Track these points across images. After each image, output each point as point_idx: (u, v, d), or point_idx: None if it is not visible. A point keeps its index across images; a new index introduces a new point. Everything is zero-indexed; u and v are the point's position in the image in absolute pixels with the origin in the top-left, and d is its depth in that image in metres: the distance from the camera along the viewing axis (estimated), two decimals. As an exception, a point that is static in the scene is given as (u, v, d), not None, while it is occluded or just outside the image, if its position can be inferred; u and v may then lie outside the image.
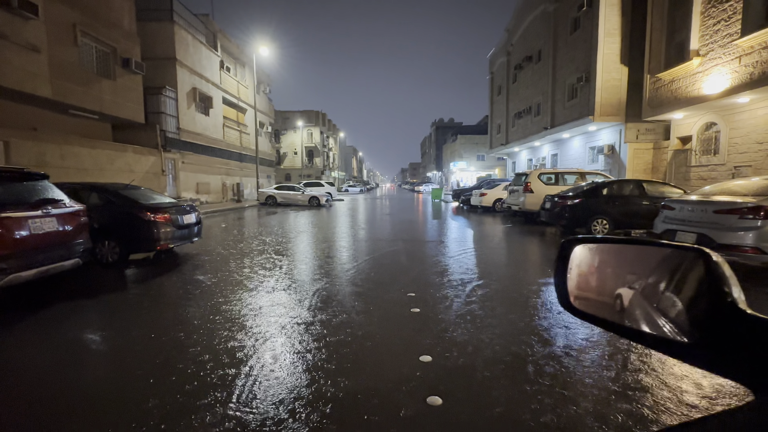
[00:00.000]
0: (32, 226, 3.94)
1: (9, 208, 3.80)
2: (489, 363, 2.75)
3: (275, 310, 3.89)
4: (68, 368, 2.73)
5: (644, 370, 2.63)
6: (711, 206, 5.13)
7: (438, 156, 71.45)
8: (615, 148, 16.25)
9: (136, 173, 15.26)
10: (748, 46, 9.99)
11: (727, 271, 0.50)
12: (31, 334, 3.34)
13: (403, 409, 2.19)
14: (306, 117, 50.80)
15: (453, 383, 2.47)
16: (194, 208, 7.29)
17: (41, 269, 4.01)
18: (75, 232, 4.55)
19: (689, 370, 2.58)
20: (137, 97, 15.11)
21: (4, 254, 3.66)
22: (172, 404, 2.23)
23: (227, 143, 23.72)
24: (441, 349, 2.96)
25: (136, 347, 3.04)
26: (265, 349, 2.99)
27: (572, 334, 3.27)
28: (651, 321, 0.59)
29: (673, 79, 12.78)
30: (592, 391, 2.38)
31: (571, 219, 8.71)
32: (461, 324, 3.51)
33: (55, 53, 11.36)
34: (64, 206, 4.47)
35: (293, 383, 2.47)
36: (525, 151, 26.63)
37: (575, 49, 17.46)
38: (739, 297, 0.47)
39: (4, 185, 4.00)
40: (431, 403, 2.24)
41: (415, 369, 2.65)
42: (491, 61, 31.30)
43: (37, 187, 4.34)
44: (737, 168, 11.45)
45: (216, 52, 22.23)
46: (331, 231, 10.70)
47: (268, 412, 2.17)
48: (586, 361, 2.81)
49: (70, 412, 2.20)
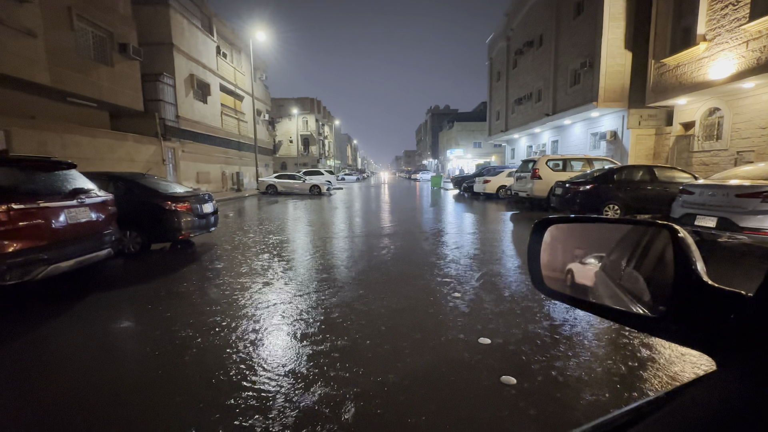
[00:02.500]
0: (69, 216, 3.89)
1: (46, 197, 3.74)
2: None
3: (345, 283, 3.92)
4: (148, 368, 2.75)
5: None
6: (733, 190, 5.25)
7: (434, 143, 71.18)
8: (617, 134, 16.36)
9: (136, 162, 14.98)
10: (756, 31, 10.03)
11: (692, 246, 0.51)
12: (82, 326, 3.34)
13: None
14: (301, 104, 50.01)
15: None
16: (211, 197, 7.23)
17: (78, 259, 3.98)
18: (106, 222, 4.51)
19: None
20: (135, 84, 14.72)
21: (44, 245, 3.62)
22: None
23: (226, 131, 23.33)
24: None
25: (215, 341, 3.06)
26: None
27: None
28: (620, 297, 0.60)
29: (678, 64, 12.82)
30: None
31: (583, 205, 8.83)
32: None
33: (51, 38, 10.97)
34: (96, 196, 4.40)
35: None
36: (525, 137, 26.66)
37: (578, 34, 17.35)
38: (702, 270, 0.49)
39: (37, 175, 3.92)
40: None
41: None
42: (490, 47, 30.97)
43: (68, 176, 4.27)
44: (740, 153, 11.64)
45: (212, 37, 21.63)
46: (350, 218, 10.71)
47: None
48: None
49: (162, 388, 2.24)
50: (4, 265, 3.31)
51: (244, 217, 11.57)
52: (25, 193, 3.62)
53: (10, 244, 3.35)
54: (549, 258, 0.73)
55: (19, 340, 3.00)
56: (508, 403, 2.11)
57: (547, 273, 0.72)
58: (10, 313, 3.56)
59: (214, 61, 21.93)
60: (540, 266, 0.72)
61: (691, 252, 0.50)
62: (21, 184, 3.66)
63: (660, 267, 0.55)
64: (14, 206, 3.41)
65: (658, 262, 0.55)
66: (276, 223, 9.98)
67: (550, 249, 0.73)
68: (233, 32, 25.24)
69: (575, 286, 0.69)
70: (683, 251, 0.50)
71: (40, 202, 3.65)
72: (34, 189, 3.74)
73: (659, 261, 0.55)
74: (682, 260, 0.50)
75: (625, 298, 0.59)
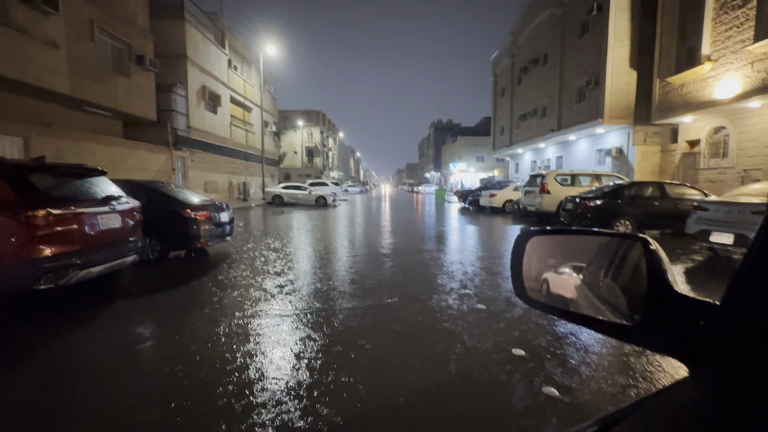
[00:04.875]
0: (101, 222, 3.96)
1: (80, 203, 3.82)
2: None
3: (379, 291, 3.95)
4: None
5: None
6: (748, 207, 5.32)
7: (437, 157, 71.74)
8: (623, 150, 16.54)
9: (147, 171, 15.16)
10: (761, 52, 10.27)
11: (663, 257, 0.53)
12: (106, 337, 3.37)
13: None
14: (306, 117, 50.68)
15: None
16: (228, 206, 7.32)
17: (108, 265, 4.03)
18: (133, 229, 4.58)
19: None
20: (150, 95, 15.02)
21: (78, 249, 3.69)
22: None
23: (234, 142, 23.64)
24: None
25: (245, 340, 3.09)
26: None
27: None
28: (598, 307, 0.62)
29: (683, 83, 13.06)
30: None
31: (594, 220, 8.89)
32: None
33: (73, 49, 11.27)
34: (126, 203, 4.49)
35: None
36: (529, 152, 26.91)
37: (584, 52, 17.72)
38: (673, 280, 0.50)
39: (71, 181, 4.01)
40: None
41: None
42: (495, 63, 31.56)
43: (99, 183, 4.36)
44: (747, 171, 11.75)
45: (224, 50, 22.15)
46: (361, 229, 10.77)
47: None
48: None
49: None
50: (40, 269, 3.37)
51: (255, 227, 11.64)
52: (62, 198, 3.70)
53: (47, 249, 3.42)
54: (532, 269, 0.74)
55: (47, 346, 3.02)
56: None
57: (529, 284, 0.73)
58: (36, 317, 3.59)
59: (226, 73, 22.38)
60: (522, 277, 0.74)
61: (662, 263, 0.52)
62: (58, 190, 3.75)
63: (635, 277, 0.56)
64: (52, 211, 3.49)
65: (634, 273, 0.57)
66: (289, 234, 10.03)
67: (532, 260, 0.74)
68: (244, 45, 25.83)
69: (557, 297, 0.71)
70: (655, 262, 0.52)
71: (75, 208, 3.73)
72: (69, 195, 3.83)
73: (634, 272, 0.57)
74: (655, 271, 0.52)
75: (603, 307, 0.61)
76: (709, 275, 5.45)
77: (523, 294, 0.74)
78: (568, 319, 0.66)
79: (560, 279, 0.72)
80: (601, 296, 0.63)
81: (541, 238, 0.76)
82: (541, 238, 0.76)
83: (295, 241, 8.72)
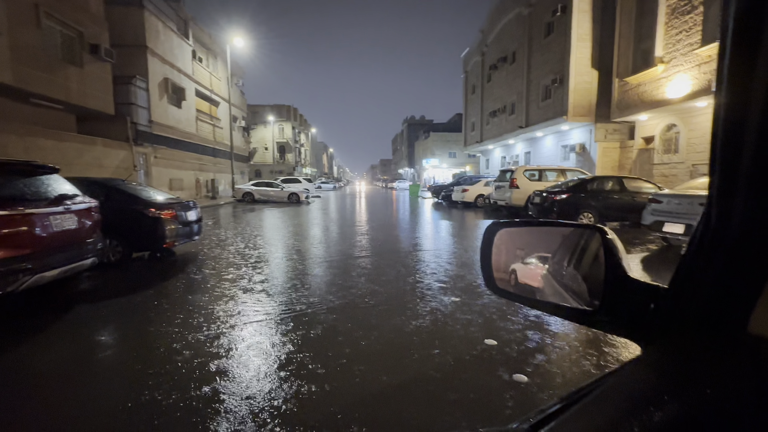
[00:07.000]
0: (54, 223, 3.69)
1: (30, 204, 3.54)
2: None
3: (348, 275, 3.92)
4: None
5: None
6: (696, 199, 5.74)
7: (410, 153, 72.25)
8: (586, 146, 17.36)
9: (105, 168, 14.26)
10: (707, 55, 11.06)
11: (619, 245, 0.56)
12: (66, 345, 3.17)
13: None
14: (277, 111, 49.48)
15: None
16: (196, 205, 7.04)
17: (63, 269, 3.77)
18: (91, 229, 4.30)
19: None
20: (106, 87, 14.09)
21: (29, 253, 3.42)
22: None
23: (200, 137, 22.68)
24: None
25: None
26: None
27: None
28: (562, 294, 0.65)
29: (639, 83, 13.86)
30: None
31: (560, 213, 9.29)
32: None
33: (16, 36, 10.36)
34: (81, 202, 4.21)
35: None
36: (499, 148, 27.65)
37: (549, 51, 18.38)
38: (627, 266, 0.53)
39: (19, 180, 3.70)
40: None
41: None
42: (465, 61, 32.08)
43: (51, 181, 4.06)
44: (695, 166, 12.68)
45: (188, 41, 21.11)
46: (334, 224, 10.67)
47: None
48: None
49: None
50: (-16, 275, 3.10)
51: (223, 226, 11.27)
52: (9, 198, 3.41)
53: (-8, 253, 3.15)
54: (501, 260, 0.76)
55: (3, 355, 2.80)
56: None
57: (498, 275, 0.75)
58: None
59: (190, 65, 21.38)
60: (492, 268, 0.75)
61: (617, 251, 0.55)
62: (3, 190, 3.45)
63: (595, 265, 0.59)
64: (-3, 213, 3.21)
65: (594, 261, 0.60)
66: (261, 231, 9.79)
67: (501, 252, 0.76)
68: (210, 37, 24.76)
69: (524, 286, 0.73)
70: (611, 250, 0.55)
71: (24, 209, 3.45)
72: (16, 195, 3.54)
73: (594, 260, 0.59)
74: (611, 258, 0.55)
75: (566, 294, 0.64)
76: (661, 263, 5.85)
77: (492, 284, 0.75)
78: (534, 307, 0.68)
79: (527, 269, 0.74)
80: (565, 284, 0.66)
81: (509, 230, 0.77)
82: (509, 230, 0.77)
83: (268, 237, 8.53)
